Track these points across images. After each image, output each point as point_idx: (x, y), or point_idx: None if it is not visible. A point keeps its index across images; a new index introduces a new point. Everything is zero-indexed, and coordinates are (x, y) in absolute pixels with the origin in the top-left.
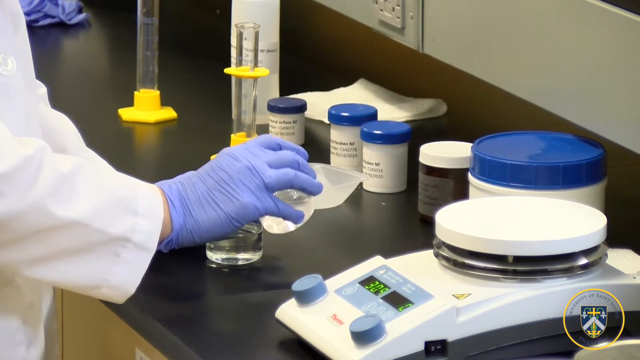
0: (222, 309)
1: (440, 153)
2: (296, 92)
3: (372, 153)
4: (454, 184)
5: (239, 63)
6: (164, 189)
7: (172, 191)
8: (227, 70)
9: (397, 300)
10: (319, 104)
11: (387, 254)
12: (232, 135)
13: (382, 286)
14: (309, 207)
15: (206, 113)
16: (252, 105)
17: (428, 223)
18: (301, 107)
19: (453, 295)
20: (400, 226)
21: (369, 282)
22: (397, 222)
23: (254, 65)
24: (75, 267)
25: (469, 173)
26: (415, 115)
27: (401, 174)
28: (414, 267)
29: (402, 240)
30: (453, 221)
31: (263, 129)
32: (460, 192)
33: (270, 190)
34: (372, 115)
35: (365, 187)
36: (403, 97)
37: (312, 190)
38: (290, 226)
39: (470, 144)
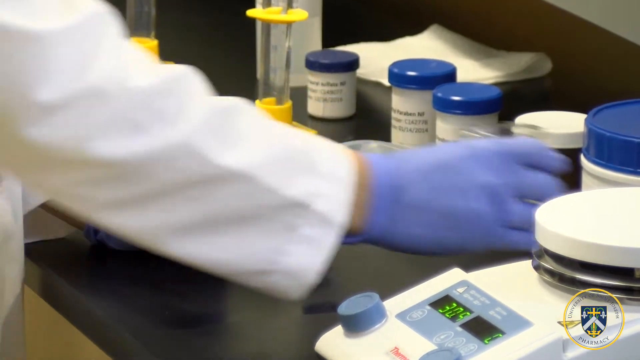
0: (245, 339)
1: (542, 127)
2: (345, 44)
3: (449, 128)
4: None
5: (267, 3)
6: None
7: (379, 167)
8: (250, 13)
9: (482, 329)
10: (376, 59)
11: (467, 266)
12: (257, 102)
13: (461, 309)
14: None
15: (221, 70)
16: (284, 60)
17: None
18: (351, 64)
19: (558, 322)
20: None
21: (443, 303)
22: None
23: (287, 6)
24: (237, 241)
25: (582, 155)
26: (508, 76)
27: None
28: (505, 284)
29: None
30: (559, 221)
31: (299, 94)
32: (570, 180)
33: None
34: (449, 76)
35: None
36: (491, 50)
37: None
38: None
39: (584, 115)
